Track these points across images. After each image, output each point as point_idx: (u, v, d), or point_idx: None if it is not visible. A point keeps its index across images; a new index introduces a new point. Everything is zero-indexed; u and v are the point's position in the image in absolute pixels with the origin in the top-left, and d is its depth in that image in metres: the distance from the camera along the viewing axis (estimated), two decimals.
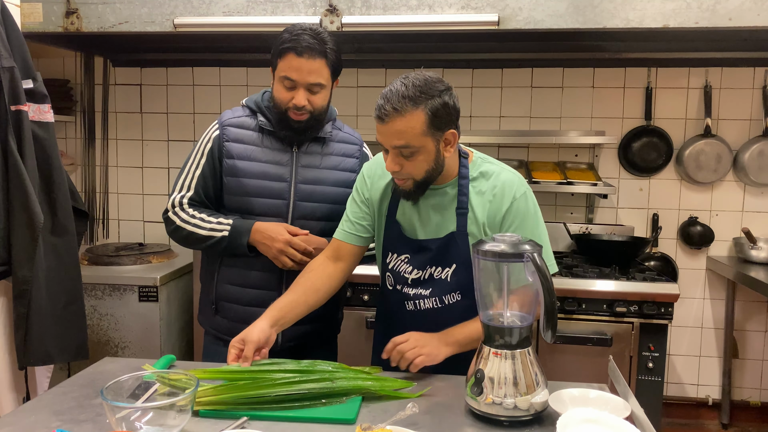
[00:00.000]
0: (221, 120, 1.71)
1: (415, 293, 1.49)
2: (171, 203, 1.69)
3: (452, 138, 1.38)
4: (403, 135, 1.31)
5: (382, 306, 1.64)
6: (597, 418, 1.07)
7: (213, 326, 1.77)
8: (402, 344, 1.31)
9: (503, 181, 1.45)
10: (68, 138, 3.34)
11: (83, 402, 1.25)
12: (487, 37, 2.64)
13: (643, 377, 2.36)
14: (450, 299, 1.47)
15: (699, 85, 3.00)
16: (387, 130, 1.32)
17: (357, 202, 1.57)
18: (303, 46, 1.54)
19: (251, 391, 1.22)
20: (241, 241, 1.63)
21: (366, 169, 1.60)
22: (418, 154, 1.35)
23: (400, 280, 1.51)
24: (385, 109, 1.31)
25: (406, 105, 1.30)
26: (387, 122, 1.31)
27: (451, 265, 1.45)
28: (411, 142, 1.32)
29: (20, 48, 1.78)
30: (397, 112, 1.30)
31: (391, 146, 1.35)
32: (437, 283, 1.47)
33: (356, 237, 1.56)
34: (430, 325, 1.44)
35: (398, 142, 1.32)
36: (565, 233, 2.94)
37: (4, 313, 1.81)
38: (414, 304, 1.49)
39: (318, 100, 1.61)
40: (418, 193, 1.43)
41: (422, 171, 1.38)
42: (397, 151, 1.35)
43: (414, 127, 1.31)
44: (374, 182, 1.56)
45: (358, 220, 1.56)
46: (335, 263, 1.56)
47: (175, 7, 2.42)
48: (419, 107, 1.30)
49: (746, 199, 3.04)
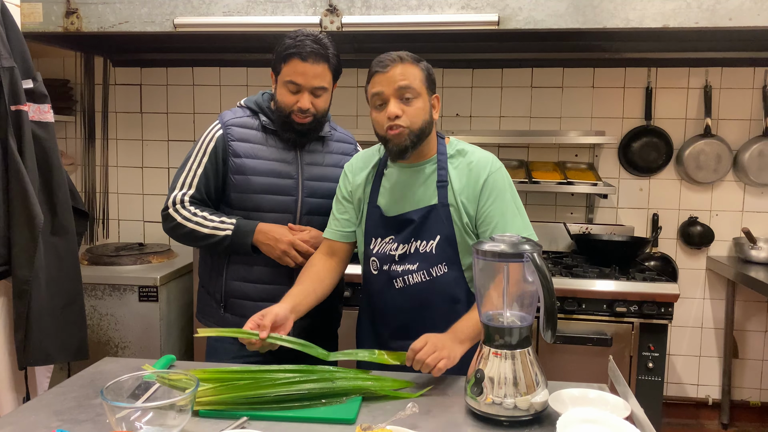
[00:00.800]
0: (223, 120, 1.73)
1: (403, 269, 1.53)
2: (171, 200, 1.71)
3: (437, 103, 1.53)
4: (407, 76, 1.43)
5: (367, 295, 1.66)
6: (597, 418, 1.07)
7: (220, 323, 1.78)
8: (421, 351, 1.31)
9: (479, 157, 1.53)
10: (68, 138, 3.34)
11: (83, 402, 1.25)
12: (487, 37, 2.65)
13: (643, 377, 2.36)
14: (437, 271, 1.51)
15: (699, 85, 3.00)
16: (390, 74, 1.43)
17: (340, 200, 1.65)
18: (307, 52, 1.60)
19: (251, 391, 1.22)
20: (244, 241, 1.66)
21: (347, 166, 1.67)
22: (417, 100, 1.45)
23: (387, 259, 1.55)
24: (387, 60, 1.44)
25: (407, 58, 1.46)
26: (390, 68, 1.43)
27: (435, 237, 1.50)
28: (413, 84, 1.44)
29: (20, 48, 1.78)
30: (400, 60, 1.44)
31: (394, 89, 1.43)
32: (423, 257, 1.51)
33: (344, 233, 1.63)
34: (420, 302, 1.50)
35: (402, 82, 1.42)
36: (565, 233, 2.94)
37: (4, 313, 1.80)
38: (403, 280, 1.53)
39: (321, 103, 1.67)
40: (409, 149, 1.47)
41: (419, 120, 1.45)
42: (400, 95, 1.43)
43: (414, 74, 1.45)
44: (355, 175, 1.63)
45: (342, 216, 1.63)
46: (331, 258, 1.64)
47: (175, 7, 2.42)
48: (417, 64, 1.47)
49: (746, 199, 3.05)
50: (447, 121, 3.13)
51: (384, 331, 1.59)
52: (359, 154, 1.68)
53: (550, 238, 3.06)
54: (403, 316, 1.54)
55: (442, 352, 1.30)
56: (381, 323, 1.60)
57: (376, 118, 1.48)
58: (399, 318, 1.55)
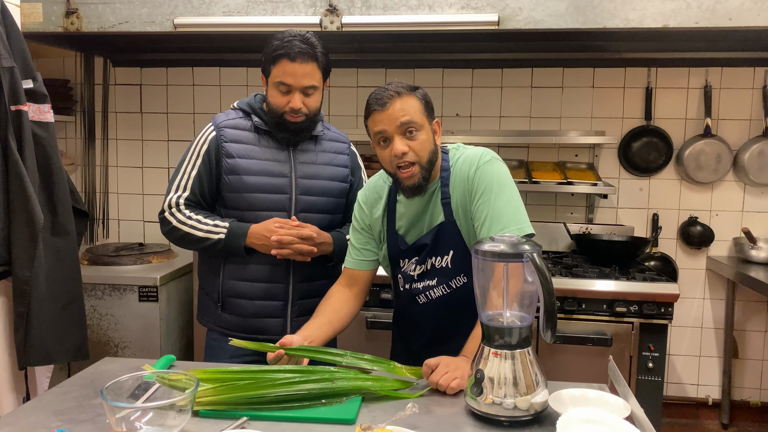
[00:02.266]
0: (216, 122, 1.76)
1: (423, 286, 1.56)
2: (167, 204, 1.73)
3: (438, 128, 1.51)
4: (407, 111, 1.42)
5: (398, 307, 1.71)
6: (597, 418, 1.07)
7: (218, 323, 1.79)
8: (435, 372, 1.33)
9: (466, 156, 1.52)
10: (68, 138, 3.34)
11: (83, 402, 1.25)
12: (487, 37, 2.64)
13: (643, 377, 2.36)
14: (457, 283, 1.53)
15: (699, 85, 3.00)
16: (390, 112, 1.42)
17: (358, 230, 1.65)
18: (295, 52, 1.61)
19: (251, 391, 1.22)
20: (237, 244, 1.68)
21: (361, 196, 1.66)
22: (420, 133, 1.44)
23: (408, 278, 1.59)
24: (385, 97, 1.42)
25: (403, 90, 1.44)
26: (389, 105, 1.42)
27: (449, 252, 1.52)
28: (414, 118, 1.43)
29: (20, 48, 1.78)
30: (398, 95, 1.42)
31: (396, 126, 1.42)
32: (441, 272, 1.53)
33: (365, 262, 1.64)
34: (444, 313, 1.53)
35: (404, 117, 1.41)
36: (565, 233, 2.94)
37: (4, 313, 1.81)
38: (425, 296, 1.56)
39: (312, 102, 1.69)
40: (423, 186, 1.48)
41: (426, 152, 1.45)
42: (403, 131, 1.42)
43: (414, 106, 1.44)
44: (372, 207, 1.63)
45: (363, 246, 1.64)
46: (350, 289, 1.65)
47: (175, 7, 2.42)
48: (413, 94, 1.45)
49: (746, 199, 3.04)
50: (447, 121, 3.13)
51: (415, 343, 1.63)
52: (370, 185, 1.66)
53: (550, 238, 3.06)
54: (431, 328, 1.58)
55: (456, 372, 1.32)
56: (412, 336, 1.64)
57: (381, 155, 1.48)
58: (427, 330, 1.59)
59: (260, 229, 1.68)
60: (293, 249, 1.67)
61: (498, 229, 1.40)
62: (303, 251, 1.68)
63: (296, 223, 1.69)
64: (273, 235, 1.65)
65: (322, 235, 1.73)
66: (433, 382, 1.32)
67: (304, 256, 1.69)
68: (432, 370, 1.33)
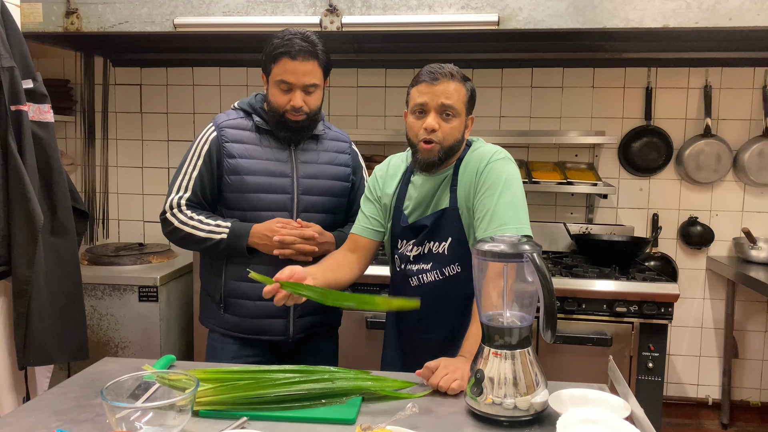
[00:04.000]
0: (216, 122, 1.75)
1: (417, 268, 1.59)
2: (169, 204, 1.72)
3: (471, 123, 1.56)
4: (452, 96, 1.47)
5: (391, 289, 1.75)
6: (597, 418, 1.07)
7: (220, 324, 1.78)
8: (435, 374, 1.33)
9: (486, 149, 1.56)
10: (68, 138, 3.34)
11: (83, 402, 1.25)
12: (487, 37, 2.65)
13: (643, 377, 2.36)
14: (450, 271, 1.55)
15: (699, 85, 3.00)
16: (438, 89, 1.46)
17: (370, 199, 1.69)
18: (296, 50, 1.61)
19: (251, 391, 1.22)
20: (239, 244, 1.68)
21: (378, 170, 1.71)
22: (455, 119, 1.49)
23: (404, 258, 1.62)
24: (439, 73, 1.46)
25: (456, 75, 1.49)
26: (439, 82, 1.46)
27: (447, 239, 1.54)
28: (456, 104, 1.47)
29: (20, 48, 1.78)
30: (451, 76, 1.47)
31: (438, 104, 1.46)
32: (437, 257, 1.56)
33: (370, 231, 1.67)
34: (434, 299, 1.55)
35: (447, 101, 1.46)
36: (565, 233, 2.94)
37: (4, 313, 1.81)
38: (418, 279, 1.59)
39: (313, 101, 1.69)
40: (436, 165, 1.52)
41: (453, 138, 1.50)
42: (441, 110, 1.47)
43: (460, 93, 1.49)
44: (386, 182, 1.67)
45: (371, 215, 1.68)
46: (353, 253, 1.67)
47: (175, 7, 2.42)
48: (463, 83, 1.50)
49: (746, 199, 3.05)
50: None
51: (406, 325, 1.66)
52: (392, 161, 1.70)
53: (550, 238, 3.06)
54: (421, 311, 1.55)
55: (455, 374, 1.32)
56: (403, 318, 1.67)
57: (411, 123, 1.52)
58: (417, 313, 1.57)
59: (262, 229, 1.67)
60: (295, 249, 1.66)
61: (496, 226, 1.42)
62: (305, 251, 1.68)
63: (299, 223, 1.69)
64: (275, 235, 1.65)
65: (325, 235, 1.73)
66: (433, 385, 1.32)
67: (307, 256, 1.69)
68: (432, 372, 1.33)
